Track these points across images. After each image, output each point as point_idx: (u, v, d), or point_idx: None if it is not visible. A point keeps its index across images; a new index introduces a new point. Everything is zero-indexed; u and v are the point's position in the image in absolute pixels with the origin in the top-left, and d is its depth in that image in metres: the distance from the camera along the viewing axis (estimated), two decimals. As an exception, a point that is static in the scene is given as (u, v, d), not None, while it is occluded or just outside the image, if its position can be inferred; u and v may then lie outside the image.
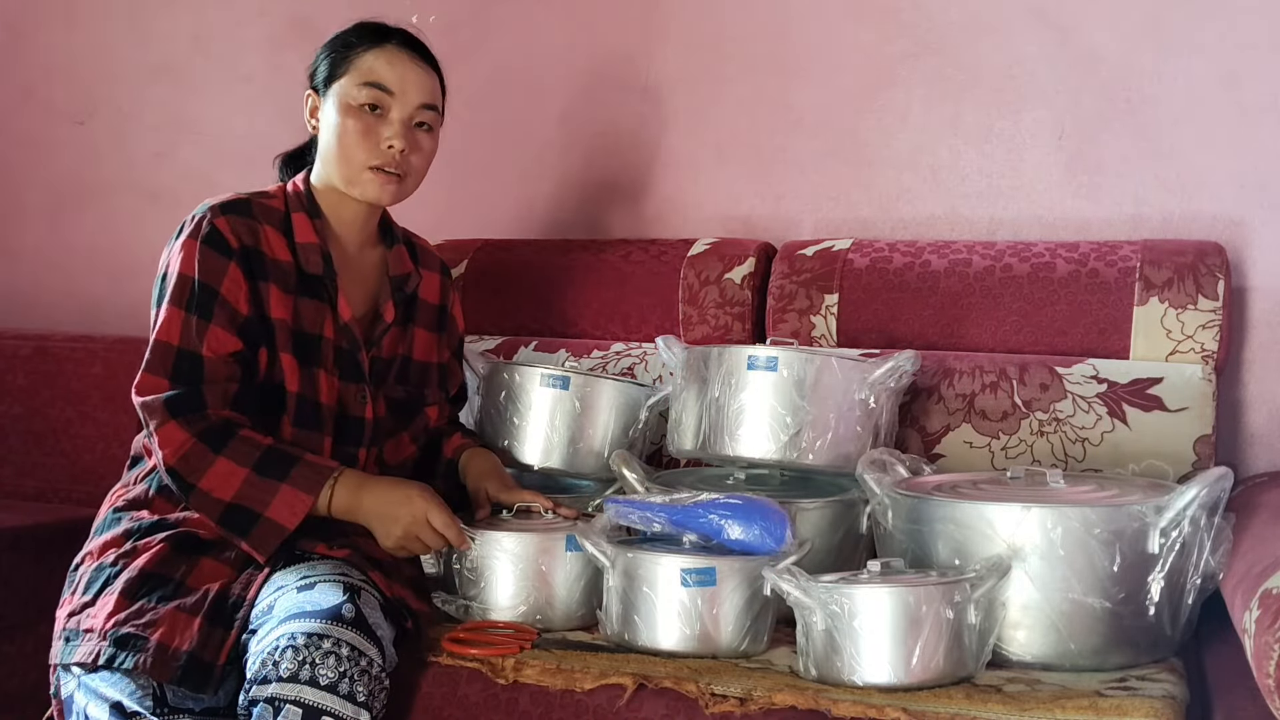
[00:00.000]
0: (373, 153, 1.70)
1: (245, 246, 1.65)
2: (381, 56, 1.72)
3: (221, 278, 1.62)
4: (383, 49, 1.73)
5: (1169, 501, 1.47)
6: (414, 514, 1.62)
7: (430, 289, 1.88)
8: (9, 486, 2.65)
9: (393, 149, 1.70)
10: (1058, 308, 2.01)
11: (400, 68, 1.72)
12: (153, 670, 1.47)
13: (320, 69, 1.76)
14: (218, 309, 1.61)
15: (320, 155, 1.75)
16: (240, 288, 1.63)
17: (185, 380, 1.59)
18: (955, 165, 2.26)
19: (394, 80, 1.71)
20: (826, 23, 2.34)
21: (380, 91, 1.70)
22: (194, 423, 1.57)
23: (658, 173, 2.48)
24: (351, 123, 1.70)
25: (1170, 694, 1.40)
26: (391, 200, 1.75)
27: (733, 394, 1.79)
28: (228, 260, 1.62)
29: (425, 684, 1.56)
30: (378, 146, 1.70)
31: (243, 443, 1.58)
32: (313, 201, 1.75)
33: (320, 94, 1.75)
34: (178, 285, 1.61)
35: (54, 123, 3.01)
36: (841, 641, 1.43)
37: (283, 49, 2.74)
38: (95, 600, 1.56)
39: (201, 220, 1.64)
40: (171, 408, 1.57)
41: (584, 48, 2.52)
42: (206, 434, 1.57)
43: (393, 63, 1.72)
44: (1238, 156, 2.09)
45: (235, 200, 1.69)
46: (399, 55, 1.73)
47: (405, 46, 1.75)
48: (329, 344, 1.70)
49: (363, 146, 1.70)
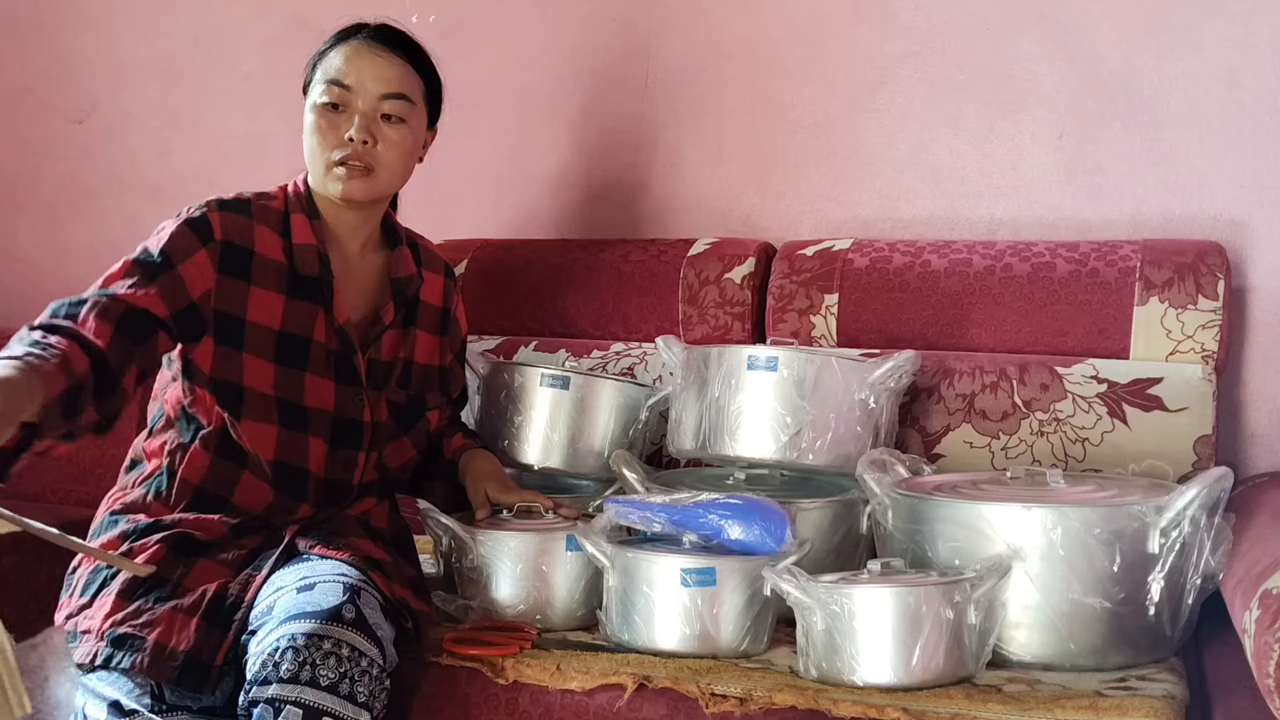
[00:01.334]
0: (334, 148, 1.69)
1: (230, 242, 1.64)
2: (342, 53, 1.72)
3: (185, 258, 1.59)
4: (345, 45, 1.73)
5: (1169, 501, 1.47)
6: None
7: (433, 291, 1.88)
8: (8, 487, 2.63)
9: (352, 141, 1.69)
10: (1058, 308, 2.01)
11: (358, 61, 1.71)
12: (150, 670, 1.47)
13: (306, 76, 1.77)
14: (164, 277, 1.56)
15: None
16: (202, 275, 1.60)
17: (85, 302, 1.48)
18: (955, 165, 2.26)
19: (351, 74, 1.71)
20: (826, 23, 2.34)
21: (338, 88, 1.70)
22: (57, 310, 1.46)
23: (658, 173, 2.48)
24: (315, 121, 1.71)
25: (1170, 694, 1.40)
26: (362, 195, 1.71)
27: (733, 394, 1.79)
28: (200, 246, 1.61)
29: (425, 684, 1.56)
30: (339, 141, 1.69)
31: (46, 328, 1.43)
32: (312, 203, 1.75)
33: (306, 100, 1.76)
34: (141, 251, 1.59)
35: (54, 122, 3.01)
36: (841, 641, 1.43)
37: (283, 49, 2.74)
38: (92, 602, 1.56)
39: (196, 210, 1.65)
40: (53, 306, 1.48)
41: (584, 47, 2.52)
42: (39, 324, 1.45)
43: (351, 57, 1.72)
44: (1238, 156, 2.09)
45: (236, 200, 1.69)
46: (359, 49, 1.72)
47: (372, 39, 1.74)
48: (319, 347, 1.69)
49: (325, 143, 1.70)
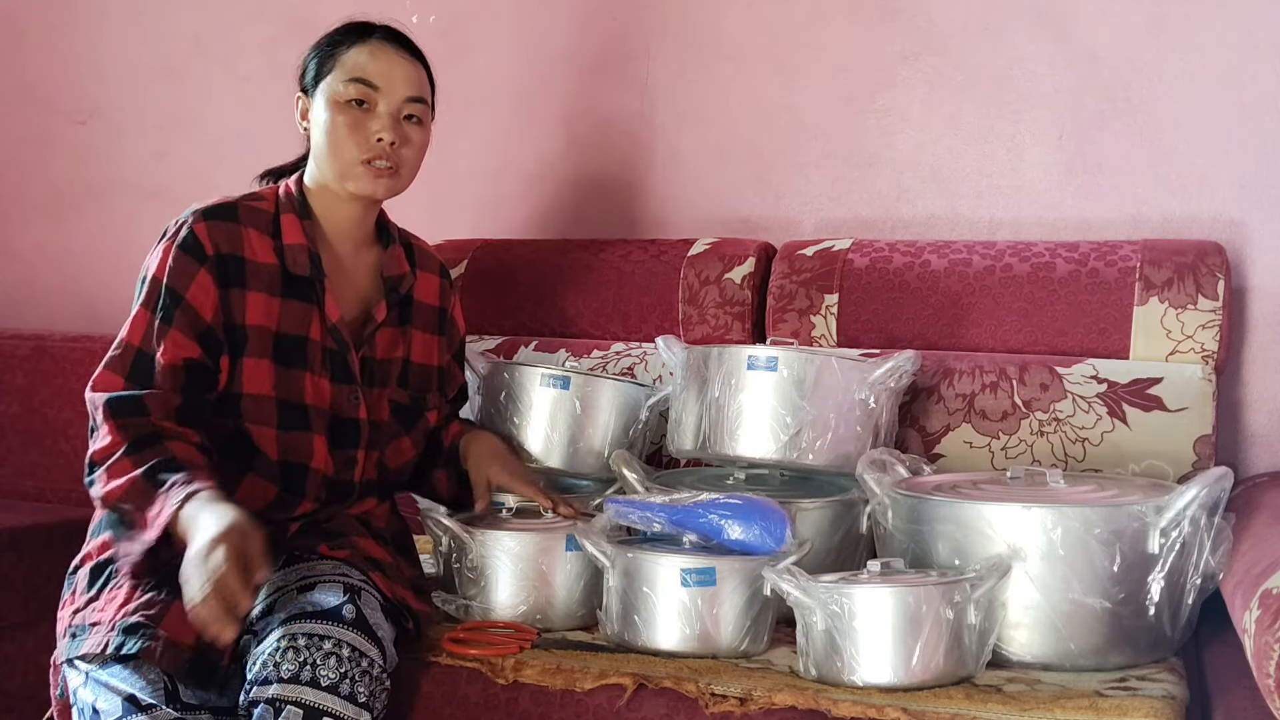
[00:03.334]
0: (363, 146, 1.70)
1: (221, 253, 1.64)
2: (365, 51, 1.72)
3: (190, 283, 1.61)
4: (367, 43, 1.73)
5: (1169, 501, 1.47)
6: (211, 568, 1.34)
7: (428, 291, 1.87)
8: (8, 486, 2.65)
9: (382, 141, 1.70)
10: (1058, 308, 2.01)
11: (385, 61, 1.72)
12: (162, 660, 1.46)
13: (309, 70, 1.76)
14: (179, 314, 1.60)
15: (313, 155, 1.75)
16: (208, 295, 1.62)
17: (136, 383, 1.58)
18: (955, 165, 2.26)
19: (379, 74, 1.71)
20: (826, 23, 2.34)
21: (366, 86, 1.70)
22: (129, 427, 1.54)
23: (657, 173, 2.48)
24: (340, 118, 1.70)
25: (1170, 694, 1.40)
26: (386, 194, 1.74)
27: (733, 394, 1.79)
28: (199, 266, 1.62)
29: (425, 684, 1.56)
30: (367, 140, 1.70)
31: (155, 450, 1.52)
32: (304, 203, 1.75)
33: (309, 95, 1.75)
34: (149, 288, 1.62)
35: (54, 123, 3.01)
36: (841, 641, 1.43)
37: (282, 49, 2.73)
38: (100, 595, 1.55)
39: (182, 226, 1.65)
40: (113, 408, 1.55)
41: (584, 47, 2.52)
42: (136, 439, 1.53)
43: (377, 56, 1.72)
44: (1238, 156, 2.09)
45: (220, 205, 1.69)
46: (383, 49, 1.73)
47: (390, 40, 1.75)
48: (316, 345, 1.69)
49: (352, 141, 1.70)
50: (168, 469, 1.49)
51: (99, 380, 1.59)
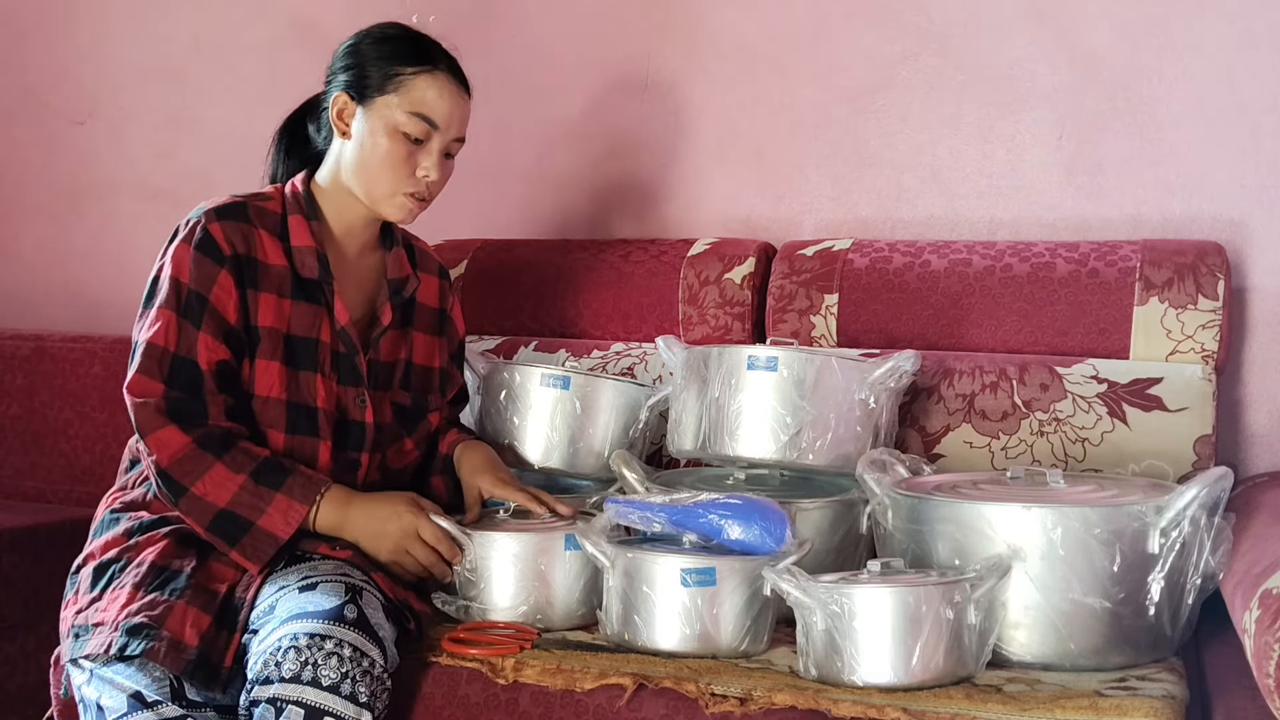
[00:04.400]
0: (408, 180, 1.72)
1: (237, 254, 1.65)
2: (434, 86, 1.71)
3: (212, 285, 1.62)
4: (434, 76, 1.72)
5: (1169, 501, 1.47)
6: (403, 528, 1.63)
7: (429, 293, 1.88)
8: (8, 487, 2.65)
9: (426, 177, 1.72)
10: (1058, 308, 2.01)
11: (450, 101, 1.73)
12: (165, 660, 1.47)
13: (364, 75, 1.72)
14: (207, 317, 1.61)
15: (345, 163, 1.74)
16: (230, 296, 1.63)
17: (183, 387, 1.59)
18: (955, 165, 2.26)
19: (443, 115, 1.72)
20: (826, 23, 2.34)
21: (428, 125, 1.71)
22: (193, 429, 1.57)
23: (658, 172, 2.48)
24: (396, 148, 1.70)
25: (1170, 694, 1.40)
26: (411, 220, 1.77)
27: (733, 394, 1.79)
28: (219, 268, 1.63)
29: (425, 684, 1.56)
30: (413, 174, 1.72)
31: (241, 452, 1.59)
32: (311, 204, 1.75)
33: (358, 102, 1.72)
34: (171, 289, 1.62)
35: (54, 123, 3.01)
36: (841, 641, 1.43)
37: (283, 50, 2.74)
38: (103, 595, 1.56)
39: (196, 225, 1.64)
40: (172, 411, 1.57)
41: (584, 48, 2.52)
42: (205, 440, 1.57)
43: (443, 95, 1.72)
44: (1238, 156, 2.09)
45: (230, 204, 1.68)
46: (449, 86, 1.73)
47: (453, 75, 1.75)
48: (325, 348, 1.69)
49: (400, 173, 1.71)
50: (271, 469, 1.59)
51: (137, 385, 1.59)
